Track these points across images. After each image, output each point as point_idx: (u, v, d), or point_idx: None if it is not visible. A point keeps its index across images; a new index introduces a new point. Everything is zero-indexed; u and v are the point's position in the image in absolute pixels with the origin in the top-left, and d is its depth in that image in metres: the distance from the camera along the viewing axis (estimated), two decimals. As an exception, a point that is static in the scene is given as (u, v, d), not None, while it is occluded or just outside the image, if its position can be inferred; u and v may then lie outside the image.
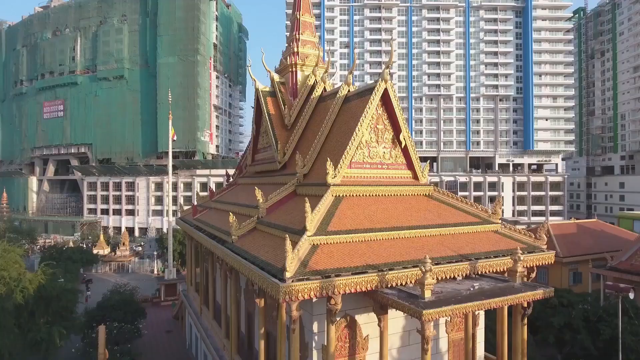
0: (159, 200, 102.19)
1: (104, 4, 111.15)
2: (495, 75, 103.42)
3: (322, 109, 23.68)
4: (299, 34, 26.72)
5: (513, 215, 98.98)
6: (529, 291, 14.97)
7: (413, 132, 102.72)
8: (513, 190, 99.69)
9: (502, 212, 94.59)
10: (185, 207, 41.26)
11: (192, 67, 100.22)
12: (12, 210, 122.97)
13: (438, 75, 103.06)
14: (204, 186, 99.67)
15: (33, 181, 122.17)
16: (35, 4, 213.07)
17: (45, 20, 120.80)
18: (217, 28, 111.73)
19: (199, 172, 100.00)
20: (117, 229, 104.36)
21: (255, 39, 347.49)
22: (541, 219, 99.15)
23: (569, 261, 37.94)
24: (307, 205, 14.88)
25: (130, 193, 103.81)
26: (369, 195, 18.53)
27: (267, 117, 25.37)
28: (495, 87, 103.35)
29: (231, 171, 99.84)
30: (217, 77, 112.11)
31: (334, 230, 15.46)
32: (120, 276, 62.17)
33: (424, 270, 13.37)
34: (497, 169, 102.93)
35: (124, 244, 67.17)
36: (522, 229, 19.55)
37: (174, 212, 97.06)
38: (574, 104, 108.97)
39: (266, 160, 26.21)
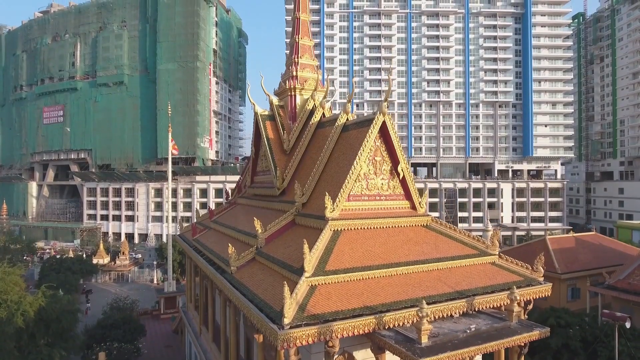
0: (159, 206, 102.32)
1: (103, 10, 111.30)
2: (495, 82, 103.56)
3: (321, 135, 23.82)
4: (297, 58, 26.87)
5: (512, 221, 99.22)
6: (525, 332, 15.12)
7: (412, 138, 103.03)
8: (512, 197, 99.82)
9: (502, 218, 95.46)
10: (185, 224, 41.54)
11: (191, 74, 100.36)
12: (12, 216, 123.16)
13: (437, 81, 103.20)
14: (204, 192, 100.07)
15: (33, 186, 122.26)
16: (35, 9, 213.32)
17: (45, 25, 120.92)
18: (216, 34, 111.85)
19: (198, 178, 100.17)
20: (117, 235, 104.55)
21: (255, 41, 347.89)
22: (540, 225, 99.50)
23: (568, 277, 38.02)
24: (306, 247, 15.00)
25: (130, 199, 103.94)
26: (367, 228, 18.65)
27: (266, 141, 25.50)
28: (495, 93, 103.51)
29: (230, 178, 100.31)
30: (217, 83, 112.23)
31: (332, 269, 15.58)
32: (120, 286, 62.32)
33: (420, 315, 13.49)
34: (496, 175, 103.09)
35: (123, 253, 67.23)
36: (520, 262, 19.62)
37: (174, 219, 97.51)
38: (573, 110, 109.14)
39: (265, 183, 26.34)
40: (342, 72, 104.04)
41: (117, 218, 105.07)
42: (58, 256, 77.71)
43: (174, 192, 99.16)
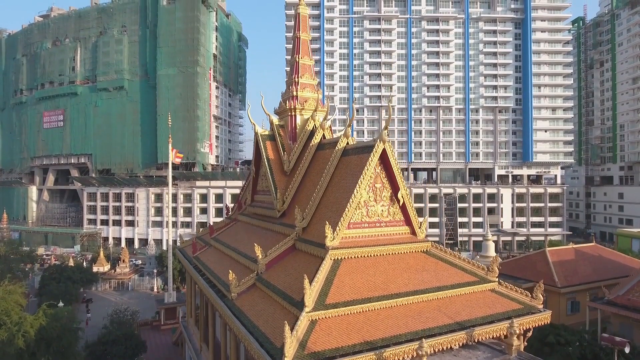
0: (159, 211, 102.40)
1: (103, 15, 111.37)
2: (495, 87, 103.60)
3: (321, 158, 23.88)
4: (298, 77, 26.94)
5: (512, 226, 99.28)
6: (525, 367, 15.17)
7: (412, 143, 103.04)
8: (512, 202, 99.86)
9: (502, 223, 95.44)
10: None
11: (191, 79, 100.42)
12: (12, 220, 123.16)
13: (437, 86, 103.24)
14: (204, 197, 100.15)
15: (33, 190, 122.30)
16: (35, 13, 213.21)
17: (45, 29, 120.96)
18: (216, 38, 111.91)
19: (198, 183, 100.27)
20: (117, 240, 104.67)
21: (256, 42, 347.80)
22: (540, 230, 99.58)
23: (567, 291, 38.05)
24: (306, 281, 15.07)
25: (130, 204, 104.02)
26: (368, 255, 18.72)
27: (266, 162, 25.58)
28: (495, 98, 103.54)
29: (231, 183, 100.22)
30: (217, 88, 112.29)
31: (332, 302, 15.64)
32: (120, 294, 62.37)
33: (420, 353, 13.56)
34: (496, 180, 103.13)
35: (123, 260, 67.26)
36: (519, 289, 19.66)
37: (174, 224, 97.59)
38: (573, 115, 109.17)
39: (265, 204, 26.41)
40: (342, 78, 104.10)
41: (117, 223, 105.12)
42: (58, 262, 78.32)
43: (174, 197, 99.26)
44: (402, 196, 19.98)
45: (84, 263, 69.11)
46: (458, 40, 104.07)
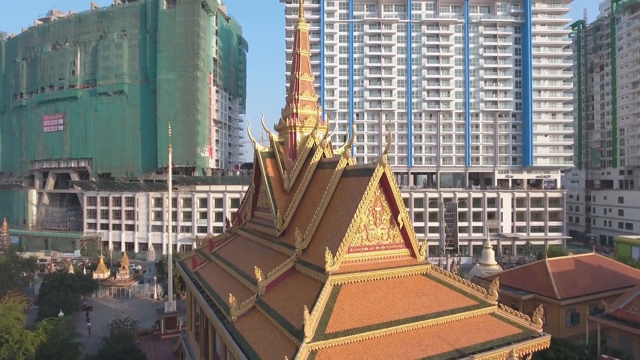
0: (159, 215, 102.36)
1: (103, 19, 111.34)
2: (495, 91, 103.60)
3: (321, 177, 23.91)
4: (298, 94, 26.98)
5: (512, 231, 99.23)
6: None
7: (412, 148, 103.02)
8: (512, 206, 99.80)
9: (502, 228, 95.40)
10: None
11: (191, 83, 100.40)
12: (12, 223, 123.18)
13: (437, 91, 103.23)
14: (204, 202, 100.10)
15: (33, 194, 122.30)
16: (35, 16, 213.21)
17: (45, 33, 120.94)
18: (216, 42, 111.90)
19: (198, 188, 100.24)
20: (117, 244, 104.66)
21: (256, 44, 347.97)
22: (540, 234, 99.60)
23: (567, 303, 38.06)
24: (306, 312, 15.09)
25: (130, 208, 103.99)
26: (368, 280, 18.76)
27: (266, 180, 25.61)
28: (495, 103, 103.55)
29: (231, 187, 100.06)
30: (217, 92, 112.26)
31: (332, 332, 15.67)
32: (120, 302, 62.38)
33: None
34: (496, 184, 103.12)
35: (123, 267, 67.28)
36: (519, 313, 19.67)
37: (174, 228, 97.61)
38: (573, 120, 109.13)
39: (265, 221, 26.44)
40: (342, 82, 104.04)
41: (117, 227, 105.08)
42: (58, 267, 78.36)
43: (174, 202, 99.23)
44: (402, 219, 20.02)
45: (84, 270, 69.05)
46: (458, 44, 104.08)
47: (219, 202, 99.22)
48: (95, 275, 66.46)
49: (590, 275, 42.82)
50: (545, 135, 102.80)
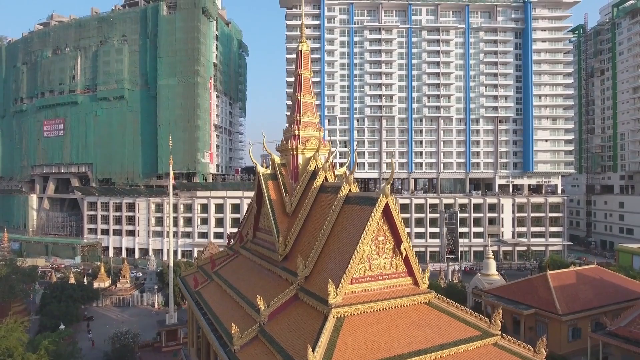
0: (159, 221, 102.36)
1: (104, 24, 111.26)
2: (495, 97, 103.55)
3: (323, 201, 23.86)
4: (300, 116, 26.92)
5: (513, 236, 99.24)
6: None
7: (413, 154, 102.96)
8: (513, 212, 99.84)
9: (502, 234, 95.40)
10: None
11: (192, 89, 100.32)
12: (12, 228, 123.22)
13: (438, 96, 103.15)
14: (204, 207, 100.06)
15: (33, 199, 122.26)
16: (35, 20, 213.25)
17: (45, 38, 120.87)
18: (217, 47, 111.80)
19: (199, 193, 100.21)
20: (118, 250, 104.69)
21: (256, 48, 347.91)
22: (541, 240, 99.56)
23: (569, 318, 38.02)
24: (310, 351, 15.03)
25: (131, 214, 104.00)
26: (371, 311, 18.69)
27: (268, 202, 25.55)
28: (495, 108, 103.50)
29: (231, 193, 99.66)
30: (217, 96, 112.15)
31: (335, 371, 15.62)
32: (121, 311, 62.34)
33: None
34: (496, 190, 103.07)
35: (124, 276, 67.23)
36: (521, 343, 19.60)
37: (174, 234, 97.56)
38: (573, 126, 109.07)
39: (267, 243, 26.37)
40: (342, 88, 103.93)
41: (117, 233, 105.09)
42: (60, 275, 78.38)
43: (175, 208, 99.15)
44: (404, 249, 19.96)
45: (85, 278, 69.00)
46: (459, 50, 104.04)
47: (220, 208, 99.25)
48: (96, 284, 66.43)
49: (591, 289, 42.79)
50: (546, 141, 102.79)
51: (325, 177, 24.98)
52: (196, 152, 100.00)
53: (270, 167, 27.03)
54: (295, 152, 26.43)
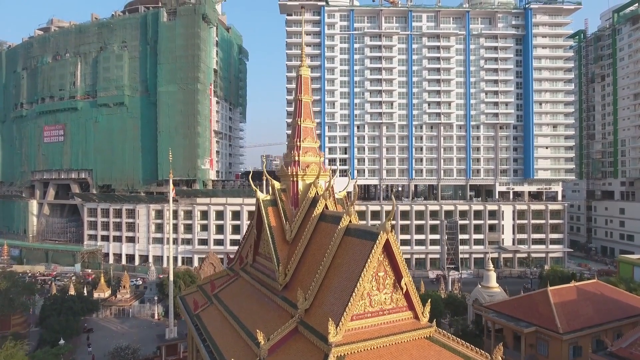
0: (159, 227, 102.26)
1: (104, 30, 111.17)
2: (496, 103, 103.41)
3: (324, 231, 23.77)
4: (300, 141, 26.85)
5: (513, 243, 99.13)
6: None
7: (413, 160, 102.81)
8: (513, 219, 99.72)
9: (502, 240, 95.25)
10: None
11: (192, 95, 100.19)
12: (12, 233, 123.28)
13: (438, 103, 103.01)
14: (204, 214, 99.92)
15: (33, 204, 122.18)
16: (35, 26, 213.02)
17: (45, 43, 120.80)
18: (217, 53, 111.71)
19: (199, 200, 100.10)
20: (118, 256, 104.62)
21: (256, 49, 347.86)
22: (541, 247, 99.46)
23: (569, 337, 37.88)
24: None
25: (131, 220, 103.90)
26: (371, 348, 18.61)
27: (268, 230, 25.47)
28: (496, 114, 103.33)
29: (231, 200, 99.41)
30: (218, 102, 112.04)
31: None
32: (121, 322, 62.20)
33: None
34: (497, 196, 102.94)
35: (124, 286, 67.10)
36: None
37: (174, 241, 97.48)
38: (574, 132, 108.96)
39: (267, 270, 26.29)
40: (342, 94, 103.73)
41: (117, 239, 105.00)
42: (60, 284, 78.34)
43: (175, 214, 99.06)
44: (405, 284, 19.87)
45: (85, 288, 68.90)
46: (459, 56, 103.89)
47: (220, 215, 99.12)
48: (95, 295, 66.35)
49: (592, 305, 42.63)
50: (547, 147, 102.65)
51: (326, 204, 24.89)
52: (196, 158, 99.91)
53: (270, 193, 26.94)
54: (295, 179, 26.37)
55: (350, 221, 21.98)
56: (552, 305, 40.98)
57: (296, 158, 26.46)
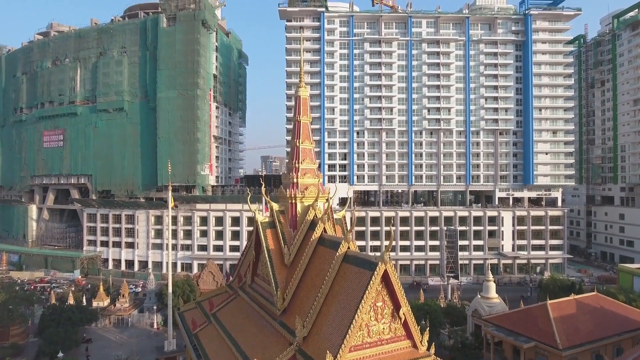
0: (159, 233, 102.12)
1: (104, 35, 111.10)
2: (496, 109, 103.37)
3: (322, 255, 23.68)
4: (298, 163, 26.79)
5: (513, 249, 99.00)
6: None
7: (413, 166, 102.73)
8: (513, 225, 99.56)
9: (502, 247, 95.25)
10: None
11: (191, 101, 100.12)
12: (12, 238, 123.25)
13: (438, 109, 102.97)
14: (204, 220, 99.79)
15: (33, 209, 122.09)
16: (35, 30, 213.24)
17: (45, 48, 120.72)
18: (216, 59, 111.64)
19: (199, 206, 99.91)
20: (117, 262, 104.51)
21: (256, 50, 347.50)
22: (541, 253, 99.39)
23: (569, 354, 37.80)
24: None
25: (130, 226, 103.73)
26: (369, 381, 18.55)
27: (267, 253, 25.39)
28: (496, 120, 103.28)
29: (231, 206, 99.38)
30: (217, 108, 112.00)
31: None
32: (120, 331, 62.07)
33: None
34: (497, 202, 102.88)
35: (123, 295, 66.96)
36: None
37: (173, 247, 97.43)
38: (574, 138, 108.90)
39: (265, 292, 26.21)
40: (342, 100, 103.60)
41: (117, 245, 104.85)
42: (59, 292, 78.30)
43: (174, 220, 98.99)
44: (404, 314, 19.79)
45: (84, 296, 68.81)
46: (459, 62, 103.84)
47: (220, 221, 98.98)
48: (95, 304, 66.20)
49: (592, 319, 42.59)
50: (546, 154, 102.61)
51: (324, 227, 24.81)
52: (196, 164, 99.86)
53: (268, 215, 26.86)
54: (294, 201, 26.32)
55: (348, 247, 21.90)
56: (552, 320, 40.94)
57: (294, 180, 26.40)
